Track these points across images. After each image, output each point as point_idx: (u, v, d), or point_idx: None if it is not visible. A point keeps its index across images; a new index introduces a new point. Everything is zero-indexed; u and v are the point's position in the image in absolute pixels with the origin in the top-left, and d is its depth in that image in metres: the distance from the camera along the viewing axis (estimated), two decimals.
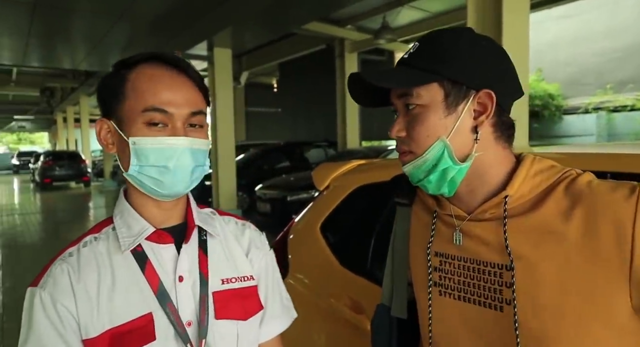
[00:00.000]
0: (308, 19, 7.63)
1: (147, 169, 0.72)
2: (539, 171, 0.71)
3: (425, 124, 0.70)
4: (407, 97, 0.72)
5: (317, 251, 1.64)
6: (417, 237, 0.85)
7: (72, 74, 14.94)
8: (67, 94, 17.84)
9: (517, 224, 0.70)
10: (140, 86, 0.72)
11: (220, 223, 0.88)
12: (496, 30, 3.26)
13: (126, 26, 7.36)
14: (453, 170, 0.71)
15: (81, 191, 15.37)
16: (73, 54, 9.90)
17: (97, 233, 0.79)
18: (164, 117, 0.71)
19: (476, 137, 0.71)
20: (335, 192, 1.71)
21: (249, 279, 0.85)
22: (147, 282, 0.74)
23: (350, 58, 9.43)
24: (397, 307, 0.88)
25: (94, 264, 0.74)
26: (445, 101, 0.70)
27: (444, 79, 0.69)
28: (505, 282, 0.70)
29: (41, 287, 0.71)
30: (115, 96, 0.73)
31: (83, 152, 18.40)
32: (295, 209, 6.60)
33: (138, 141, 0.71)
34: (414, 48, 0.73)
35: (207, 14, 6.57)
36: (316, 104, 11.53)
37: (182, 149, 0.72)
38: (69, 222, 9.34)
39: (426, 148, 0.71)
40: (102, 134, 0.77)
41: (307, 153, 9.85)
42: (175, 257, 0.77)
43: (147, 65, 0.74)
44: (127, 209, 0.78)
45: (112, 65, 0.76)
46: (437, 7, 7.90)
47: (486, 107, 0.70)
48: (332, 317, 1.50)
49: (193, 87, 0.75)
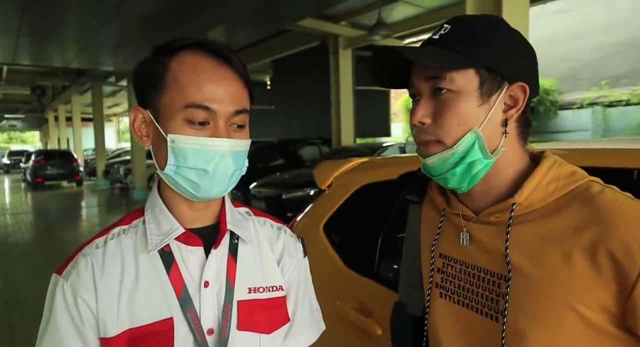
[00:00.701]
0: (302, 15, 7.57)
1: (185, 171, 0.67)
2: (555, 179, 0.67)
3: (456, 111, 0.65)
4: (437, 80, 0.66)
5: (321, 251, 1.60)
6: (425, 236, 0.83)
7: (63, 72, 14.75)
8: (59, 92, 17.65)
9: (521, 234, 0.66)
10: (183, 78, 0.66)
11: (255, 225, 0.83)
12: None
13: (117, 24, 7.25)
14: (480, 164, 0.67)
15: (73, 190, 15.21)
16: (64, 52, 9.77)
17: (127, 225, 0.75)
18: (206, 115, 0.66)
19: (505, 131, 0.67)
20: (338, 190, 1.66)
21: (277, 289, 0.79)
22: (171, 285, 0.70)
23: (344, 55, 9.38)
24: (414, 306, 0.86)
25: (118, 259, 0.71)
26: (480, 89, 0.65)
27: (481, 66, 0.65)
28: (501, 292, 0.67)
29: (64, 278, 0.69)
30: (153, 85, 0.68)
31: (75, 151, 18.22)
32: (290, 207, 6.63)
33: (177, 139, 0.66)
34: (444, 30, 0.68)
35: (200, 11, 6.49)
36: (310, 101, 11.47)
37: (224, 151, 0.67)
38: (61, 221, 9.23)
39: (457, 139, 0.66)
40: (136, 125, 0.71)
41: (301, 150, 9.81)
42: (202, 260, 0.73)
43: (190, 53, 0.68)
44: (158, 204, 0.74)
45: (152, 49, 0.70)
46: (432, 2, 7.86)
47: (517, 100, 0.67)
48: (337, 320, 1.46)
49: (238, 81, 0.69)
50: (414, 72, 0.70)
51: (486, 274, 0.70)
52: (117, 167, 14.42)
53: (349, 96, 9.48)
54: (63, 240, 7.22)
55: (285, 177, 7.19)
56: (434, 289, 0.78)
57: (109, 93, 18.99)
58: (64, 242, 7.02)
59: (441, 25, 0.70)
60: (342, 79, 9.35)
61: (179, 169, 0.67)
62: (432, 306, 0.77)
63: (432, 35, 0.70)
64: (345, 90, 9.40)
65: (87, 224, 8.96)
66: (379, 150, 7.96)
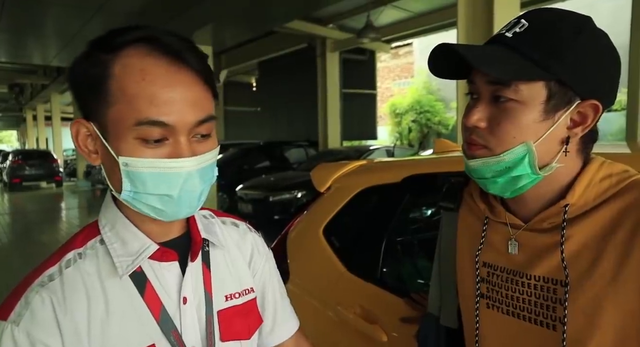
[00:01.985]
0: (290, 17, 7.54)
1: (145, 197, 0.58)
2: (608, 176, 0.64)
3: (516, 123, 0.61)
4: (500, 87, 0.62)
5: (321, 256, 1.56)
6: (464, 244, 0.79)
7: (43, 71, 14.40)
8: (38, 91, 17.22)
9: (577, 235, 0.63)
10: (130, 88, 0.55)
11: (220, 228, 0.76)
12: (487, 27, 3.26)
13: (102, 21, 7.10)
14: (527, 179, 0.63)
15: (52, 191, 14.83)
16: (45, 49, 9.54)
17: (80, 247, 0.63)
18: (163, 132, 0.55)
19: (565, 149, 0.62)
20: (338, 194, 1.63)
21: (249, 291, 0.75)
22: (147, 309, 0.62)
23: (331, 57, 9.39)
24: (447, 317, 0.82)
25: (81, 289, 0.60)
26: (546, 103, 0.60)
27: (553, 79, 0.60)
28: (558, 298, 0.64)
29: (14, 322, 0.56)
30: (95, 94, 0.56)
31: (54, 151, 17.78)
32: (278, 210, 6.58)
33: (131, 163, 0.56)
34: (520, 27, 0.62)
35: (187, 10, 6.41)
36: (296, 104, 11.43)
37: (189, 172, 0.57)
38: (40, 223, 8.97)
39: (507, 149, 0.62)
40: (79, 139, 0.60)
41: (288, 153, 9.75)
42: (178, 276, 0.65)
43: (134, 54, 0.56)
44: (121, 221, 0.63)
45: (88, 43, 0.58)
46: (419, 7, 7.92)
47: (586, 118, 0.62)
48: (339, 326, 1.42)
49: (198, 84, 0.58)
50: (476, 70, 0.65)
51: (538, 281, 0.66)
52: (98, 168, 13.89)
53: (335, 99, 9.49)
54: (42, 243, 7.01)
55: (271, 179, 7.13)
56: (481, 300, 0.74)
57: None
58: (43, 244, 6.82)
59: (517, 19, 0.63)
60: (329, 81, 9.36)
61: (137, 195, 0.58)
62: (481, 318, 0.74)
63: (505, 31, 0.63)
64: (332, 93, 9.40)
65: (68, 226, 8.73)
66: (365, 153, 7.96)
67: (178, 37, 0.58)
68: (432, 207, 2.05)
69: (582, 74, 0.60)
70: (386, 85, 17.05)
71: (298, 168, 8.11)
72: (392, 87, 17.11)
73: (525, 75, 0.60)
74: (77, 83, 0.59)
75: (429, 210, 2.09)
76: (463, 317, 0.79)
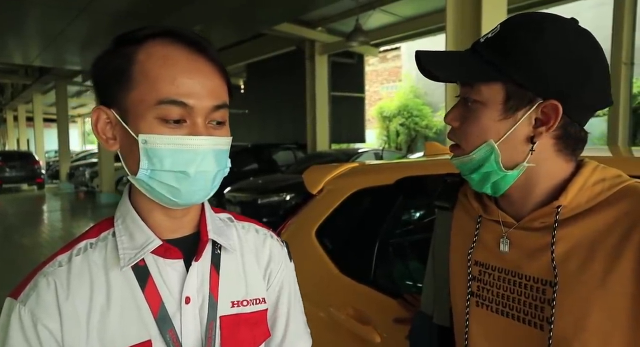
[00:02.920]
0: (279, 20, 7.54)
1: (162, 175, 0.60)
2: (600, 180, 0.65)
3: (478, 122, 0.65)
4: (468, 88, 0.66)
5: (313, 257, 1.56)
6: (457, 243, 0.80)
7: (25, 70, 14.11)
8: (19, 91, 16.88)
9: (568, 237, 0.64)
10: (153, 71, 0.58)
11: (238, 232, 0.76)
12: (475, 31, 3.30)
13: (86, 21, 6.99)
14: (497, 175, 0.66)
15: (34, 194, 14.51)
16: (26, 49, 9.34)
17: (94, 238, 0.66)
18: (182, 112, 0.59)
19: (531, 148, 0.64)
20: (330, 195, 1.63)
21: (260, 301, 0.73)
22: (146, 303, 0.63)
23: (320, 60, 9.40)
24: (440, 315, 0.83)
25: (86, 278, 0.62)
26: (504, 104, 0.63)
27: (509, 81, 0.62)
28: (547, 299, 0.65)
29: (22, 302, 0.60)
30: (118, 81, 0.60)
31: (36, 152, 17.45)
32: (266, 212, 6.55)
33: (150, 139, 0.58)
34: (492, 32, 0.66)
35: (175, 11, 6.36)
36: (285, 106, 11.42)
37: (205, 151, 0.60)
38: (21, 227, 8.77)
39: (474, 148, 0.66)
40: (99, 127, 0.63)
41: (276, 155, 9.73)
42: (183, 274, 0.66)
43: (158, 43, 0.60)
44: (130, 214, 0.66)
45: (113, 40, 0.62)
46: (407, 11, 7.99)
47: (549, 118, 0.63)
48: (332, 328, 1.42)
49: (216, 74, 0.62)
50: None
51: (529, 281, 0.67)
52: (83, 170, 13.88)
53: (324, 102, 9.50)
54: (24, 246, 6.85)
55: (260, 182, 7.10)
56: (471, 298, 0.75)
57: (74, 93, 18.32)
58: (24, 248, 6.67)
59: (497, 26, 0.67)
60: (318, 84, 9.37)
61: (154, 173, 0.60)
62: (470, 317, 0.75)
63: (481, 38, 0.67)
64: (321, 96, 9.42)
65: (50, 229, 8.56)
66: (354, 156, 7.98)
67: (196, 34, 0.62)
68: (424, 209, 2.07)
69: (539, 75, 0.61)
70: (374, 88, 17.15)
71: (286, 171, 8.10)
72: (380, 91, 17.22)
73: (476, 76, 0.63)
74: (101, 73, 0.63)
75: (422, 212, 2.10)
76: (454, 315, 0.80)
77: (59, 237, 7.54)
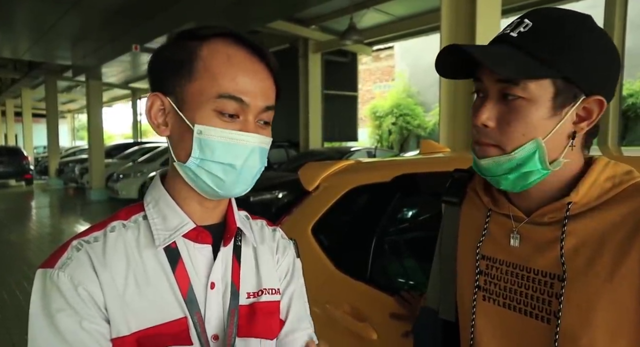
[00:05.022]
0: (272, 17, 7.51)
1: (210, 165, 0.63)
2: (611, 176, 0.66)
3: (525, 120, 0.62)
4: (509, 85, 0.63)
5: (309, 254, 1.55)
6: (465, 238, 0.80)
7: (14, 65, 13.88)
8: (7, 85, 16.61)
9: (577, 232, 0.65)
10: (216, 67, 0.62)
11: (253, 228, 0.80)
12: (470, 31, 3.32)
13: (77, 16, 6.91)
14: (537, 174, 0.65)
15: (22, 190, 14.31)
16: (16, 43, 9.21)
17: (125, 220, 0.69)
18: (238, 107, 0.63)
19: (571, 144, 0.64)
20: (326, 193, 1.63)
21: (275, 292, 0.77)
22: (177, 284, 0.65)
23: (314, 58, 9.39)
24: (446, 310, 0.83)
25: (122, 253, 0.65)
26: (554, 100, 0.62)
27: (559, 76, 0.61)
28: (555, 293, 0.65)
29: (60, 269, 0.61)
30: (179, 72, 0.63)
31: (25, 148, 17.20)
32: (258, 210, 6.53)
33: (205, 130, 0.62)
34: (524, 26, 0.63)
35: (167, 8, 6.31)
36: (277, 104, 11.38)
37: (253, 147, 0.64)
38: (9, 223, 8.65)
39: (517, 146, 0.63)
40: (152, 112, 0.66)
41: (268, 153, 9.69)
42: (210, 260, 0.69)
43: (221, 43, 0.64)
44: (164, 198, 0.69)
45: (176, 35, 0.66)
46: (401, 11, 8.01)
47: (591, 114, 0.64)
48: (328, 324, 1.42)
49: (270, 78, 0.68)
50: (483, 69, 0.66)
51: (537, 275, 0.68)
52: (72, 166, 13.70)
53: (317, 100, 9.49)
54: (11, 242, 6.76)
55: None
56: (478, 292, 0.75)
57: (64, 88, 18.06)
58: (12, 244, 6.58)
59: (520, 19, 0.64)
60: (311, 82, 9.36)
61: (203, 163, 0.63)
62: (477, 310, 0.75)
63: (509, 31, 0.64)
64: (314, 94, 9.41)
65: (38, 225, 8.45)
66: (347, 154, 7.99)
67: (255, 40, 0.66)
68: (422, 206, 2.07)
69: (586, 70, 0.61)
70: (367, 87, 17.17)
71: (279, 169, 8.08)
72: (373, 90, 17.24)
73: (533, 73, 0.61)
74: (161, 63, 0.66)
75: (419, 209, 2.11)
76: (459, 309, 0.81)
77: (47, 233, 7.45)
